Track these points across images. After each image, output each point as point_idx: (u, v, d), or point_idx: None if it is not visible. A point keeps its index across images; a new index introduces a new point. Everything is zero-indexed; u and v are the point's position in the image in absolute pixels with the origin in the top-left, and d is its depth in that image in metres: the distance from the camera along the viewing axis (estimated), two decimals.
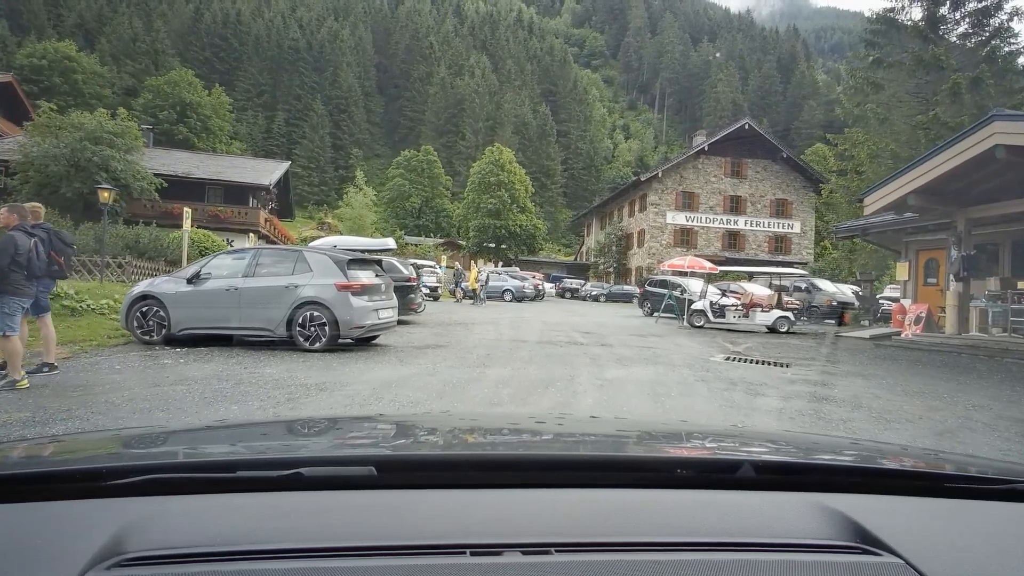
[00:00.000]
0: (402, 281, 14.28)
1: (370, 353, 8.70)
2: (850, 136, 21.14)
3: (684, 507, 0.94)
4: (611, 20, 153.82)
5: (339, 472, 0.98)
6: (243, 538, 0.78)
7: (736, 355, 10.95)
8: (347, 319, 8.32)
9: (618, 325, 17.41)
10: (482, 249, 58.19)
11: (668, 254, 42.24)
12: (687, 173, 43.66)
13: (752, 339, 14.85)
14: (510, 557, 0.74)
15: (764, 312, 17.30)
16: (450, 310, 20.94)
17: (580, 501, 0.94)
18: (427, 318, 16.18)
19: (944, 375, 9.21)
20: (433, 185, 79.59)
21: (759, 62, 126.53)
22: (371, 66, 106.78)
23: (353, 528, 0.82)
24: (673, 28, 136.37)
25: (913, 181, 11.60)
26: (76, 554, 0.72)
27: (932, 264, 15.78)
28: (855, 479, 1.10)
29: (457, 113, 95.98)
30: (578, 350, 10.28)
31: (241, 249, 9.70)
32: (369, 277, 8.97)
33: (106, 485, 0.90)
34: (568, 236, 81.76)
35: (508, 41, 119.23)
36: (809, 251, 45.43)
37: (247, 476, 0.95)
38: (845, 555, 0.80)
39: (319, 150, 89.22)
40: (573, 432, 1.60)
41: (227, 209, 28.93)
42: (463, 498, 0.92)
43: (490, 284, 27.85)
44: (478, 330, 13.45)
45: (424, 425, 1.73)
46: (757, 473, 1.03)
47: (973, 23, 19.38)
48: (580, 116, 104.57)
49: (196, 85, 66.66)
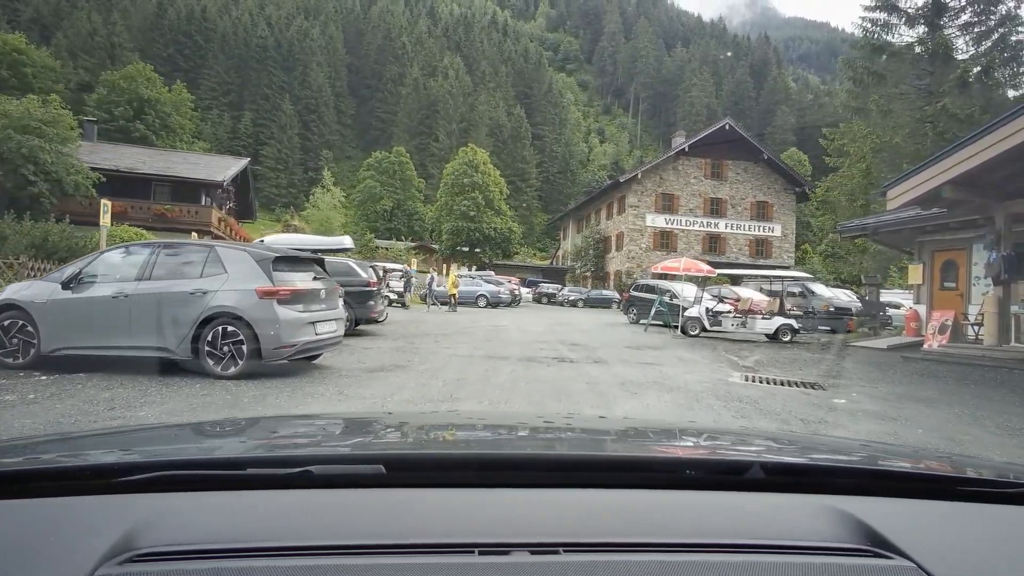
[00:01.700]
0: (360, 286, 12.31)
1: (303, 380, 6.69)
2: (849, 130, 19.76)
3: (693, 508, 0.93)
4: (585, 24, 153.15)
5: (348, 471, 0.98)
6: (253, 535, 0.78)
7: (753, 373, 9.22)
8: (271, 335, 6.31)
9: (606, 335, 15.63)
10: (456, 252, 56.14)
11: (648, 258, 40.85)
12: (667, 174, 42.32)
13: (756, 350, 13.19)
14: (518, 557, 0.74)
15: (764, 319, 15.69)
16: (419, 318, 18.95)
17: (588, 501, 0.93)
18: (390, 328, 14.20)
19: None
20: (405, 187, 77.40)
21: (732, 68, 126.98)
22: (342, 66, 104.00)
23: (362, 526, 0.82)
24: (647, 33, 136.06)
25: (950, 170, 10.04)
26: (88, 550, 0.73)
27: (950, 266, 14.33)
28: (866, 481, 1.08)
29: (430, 115, 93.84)
30: (570, 370, 8.43)
31: (136, 244, 7.61)
32: (305, 280, 6.96)
33: (118, 481, 0.90)
34: (544, 240, 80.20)
35: (482, 43, 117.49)
36: (790, 255, 44.46)
37: (257, 474, 0.96)
38: (855, 558, 0.79)
39: (287, 151, 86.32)
40: (582, 432, 1.61)
41: (175, 207, 26.49)
42: (472, 497, 0.92)
43: (462, 288, 25.87)
44: (449, 343, 11.53)
45: (433, 424, 1.75)
46: (766, 474, 1.01)
47: (976, 11, 18.12)
48: (555, 119, 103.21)
49: (155, 81, 63.39)
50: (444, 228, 55.97)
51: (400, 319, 17.90)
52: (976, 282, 13.67)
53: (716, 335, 16.03)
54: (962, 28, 18.47)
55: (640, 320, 20.86)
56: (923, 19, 18.31)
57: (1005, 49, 17.09)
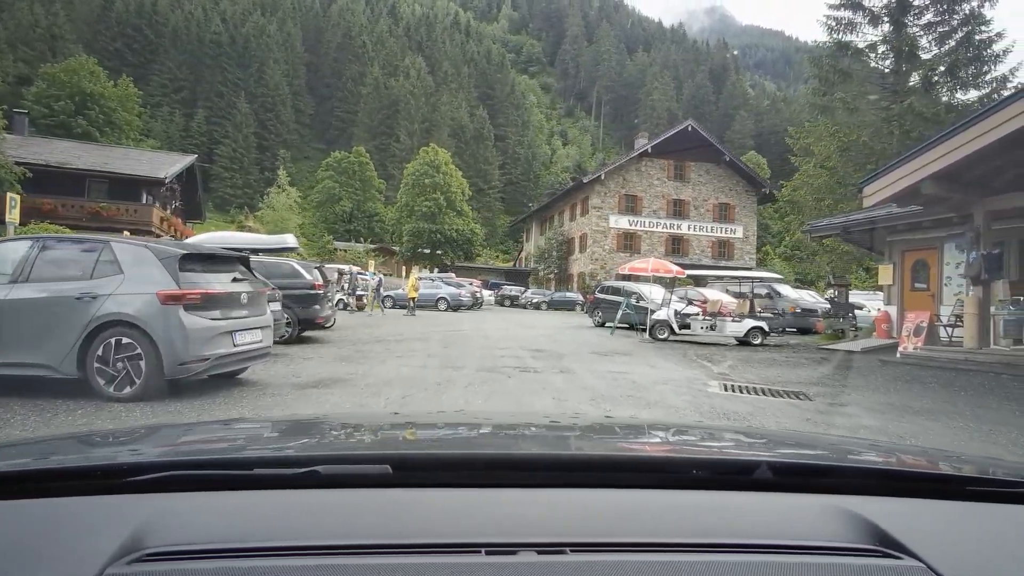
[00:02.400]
0: (304, 288, 11.22)
1: (214, 402, 5.60)
2: (815, 129, 19.47)
3: (700, 508, 0.93)
4: (548, 27, 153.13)
5: (355, 470, 0.97)
6: (260, 535, 0.79)
7: (730, 381, 8.52)
8: (175, 349, 5.23)
9: (572, 339, 14.83)
10: (417, 255, 54.88)
11: (611, 259, 40.44)
12: (630, 176, 41.98)
13: (728, 355, 12.57)
14: (525, 556, 0.74)
15: (734, 322, 15.13)
16: (375, 323, 17.85)
17: (595, 501, 0.93)
18: (340, 335, 13.12)
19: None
20: (365, 188, 75.73)
21: (692, 72, 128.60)
22: (300, 64, 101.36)
23: (369, 526, 0.83)
24: (609, 37, 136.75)
25: (931, 164, 9.54)
26: (97, 549, 0.73)
27: (921, 266, 13.99)
28: (874, 481, 1.08)
29: (391, 114, 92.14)
30: (534, 382, 7.55)
31: (11, 239, 6.41)
32: (223, 282, 5.88)
33: (126, 481, 0.90)
34: (507, 242, 79.44)
35: (445, 43, 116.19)
36: (752, 256, 44.63)
37: (264, 474, 0.96)
38: (864, 558, 0.78)
39: (243, 150, 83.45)
40: (588, 432, 1.61)
41: (111, 206, 24.70)
42: (478, 497, 0.92)
43: (422, 291, 24.78)
44: (402, 351, 10.54)
45: (440, 424, 1.75)
46: (774, 474, 1.00)
47: (939, 11, 17.99)
48: (518, 121, 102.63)
49: (99, 74, 60.35)
50: (405, 229, 54.69)
51: (354, 324, 16.79)
52: (948, 282, 13.35)
53: (684, 338, 15.41)
54: (925, 28, 18.35)
55: (606, 323, 20.20)
56: (888, 17, 18.08)
57: (969, 48, 16.96)
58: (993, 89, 17.17)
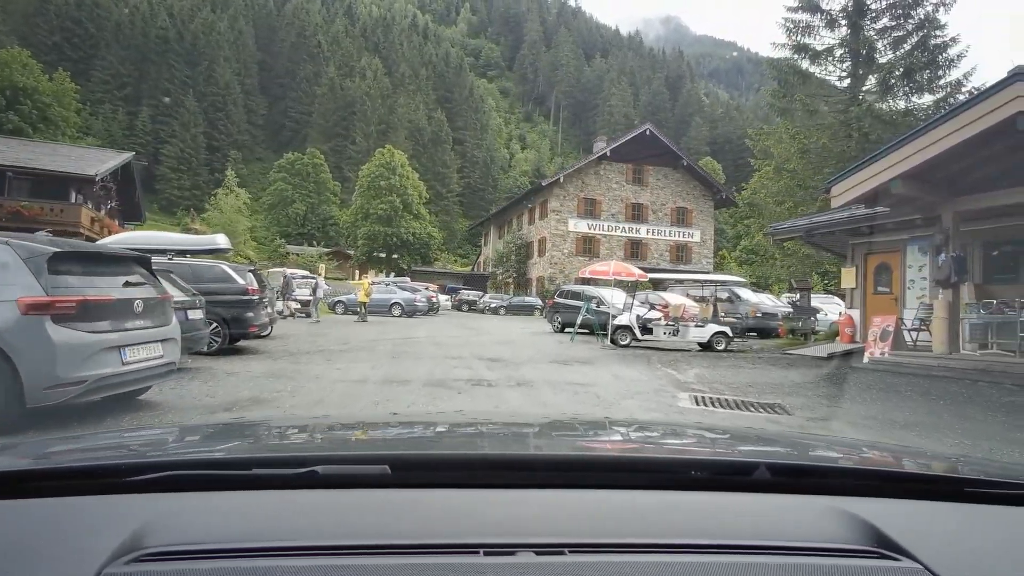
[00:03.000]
0: (235, 294, 10.16)
1: (100, 431, 4.65)
2: (774, 132, 19.29)
3: (698, 509, 0.93)
4: (507, 32, 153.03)
5: (354, 471, 0.97)
6: (259, 535, 0.79)
7: (701, 394, 7.90)
8: (41, 369, 4.21)
9: (530, 346, 14.10)
10: (372, 259, 53.45)
11: (570, 263, 40.05)
12: (589, 179, 41.69)
13: (694, 362, 12.04)
14: (523, 557, 0.75)
15: (698, 327, 14.65)
16: (320, 330, 16.75)
17: (593, 502, 0.93)
18: (278, 345, 12.06)
19: (1012, 419, 6.57)
20: (319, 191, 73.88)
21: (649, 79, 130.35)
22: (252, 63, 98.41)
23: (367, 526, 0.83)
24: (567, 42, 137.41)
25: (900, 163, 9.16)
26: (96, 549, 0.74)
27: (884, 269, 13.75)
28: (873, 482, 1.08)
29: (347, 116, 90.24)
30: (487, 398, 6.75)
31: None
32: (111, 287, 4.89)
33: (125, 482, 0.91)
34: (465, 246, 78.44)
35: (402, 45, 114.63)
36: (709, 260, 44.85)
37: (263, 474, 0.96)
38: (862, 559, 0.79)
39: (191, 151, 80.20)
40: (587, 433, 1.60)
41: (35, 205, 22.84)
42: (477, 498, 0.92)
43: (374, 296, 23.68)
44: (343, 363, 9.59)
45: (438, 425, 1.74)
46: (773, 475, 1.01)
47: (894, 16, 18.01)
48: (476, 124, 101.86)
49: (33, 67, 56.99)
50: (360, 233, 53.20)
51: (298, 332, 15.68)
52: (911, 285, 13.12)
53: (646, 344, 14.86)
54: (880, 32, 18.35)
55: (565, 328, 19.55)
56: (845, 20, 18.01)
57: (924, 52, 16.99)
58: (948, 93, 17.24)
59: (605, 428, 1.74)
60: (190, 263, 10.11)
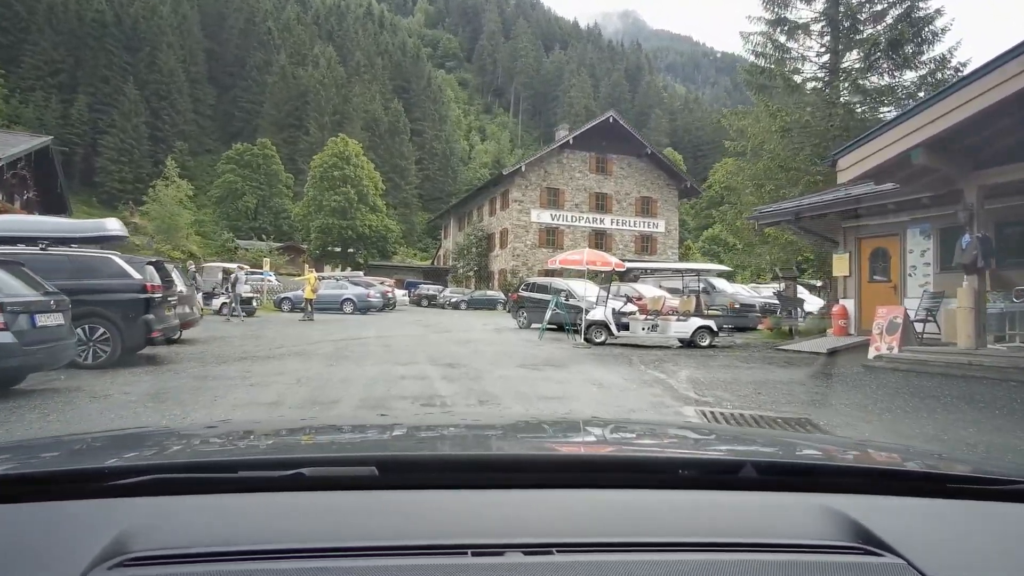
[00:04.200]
0: (130, 292, 8.21)
1: None
2: (752, 111, 18.05)
3: (686, 507, 0.94)
4: (465, 22, 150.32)
5: (341, 472, 0.97)
6: (245, 538, 0.78)
7: (705, 404, 6.40)
8: None
9: (494, 346, 12.46)
10: (327, 253, 50.91)
11: (533, 255, 38.60)
12: (551, 168, 40.20)
13: (680, 361, 10.60)
14: (512, 557, 0.74)
15: (679, 321, 13.24)
16: (253, 331, 14.74)
17: (582, 501, 0.93)
18: (194, 350, 10.11)
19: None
20: (271, 183, 70.53)
21: (608, 71, 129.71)
22: (199, 50, 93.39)
23: (355, 528, 0.82)
24: (527, 34, 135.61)
25: (927, 127, 7.81)
26: (79, 554, 0.73)
27: (880, 256, 12.56)
28: (857, 480, 1.08)
29: (300, 106, 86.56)
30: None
31: None
32: None
33: (109, 485, 0.89)
34: (425, 240, 76.19)
35: (357, 33, 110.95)
36: (674, 251, 44.00)
37: (249, 476, 0.95)
38: (847, 556, 0.79)
39: (133, 141, 75.43)
40: (575, 432, 1.60)
41: None
42: (465, 498, 0.92)
43: (323, 292, 21.67)
44: (260, 376, 7.76)
45: (426, 425, 1.71)
46: (759, 474, 1.01)
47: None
48: (435, 115, 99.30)
49: None
50: (313, 226, 50.58)
51: (229, 334, 13.67)
52: (912, 272, 11.95)
53: (623, 342, 13.40)
54: (860, 5, 17.24)
55: (532, 324, 17.98)
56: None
57: (909, 24, 15.91)
58: (932, 69, 16.23)
59: (593, 427, 1.70)
60: (70, 254, 8.11)
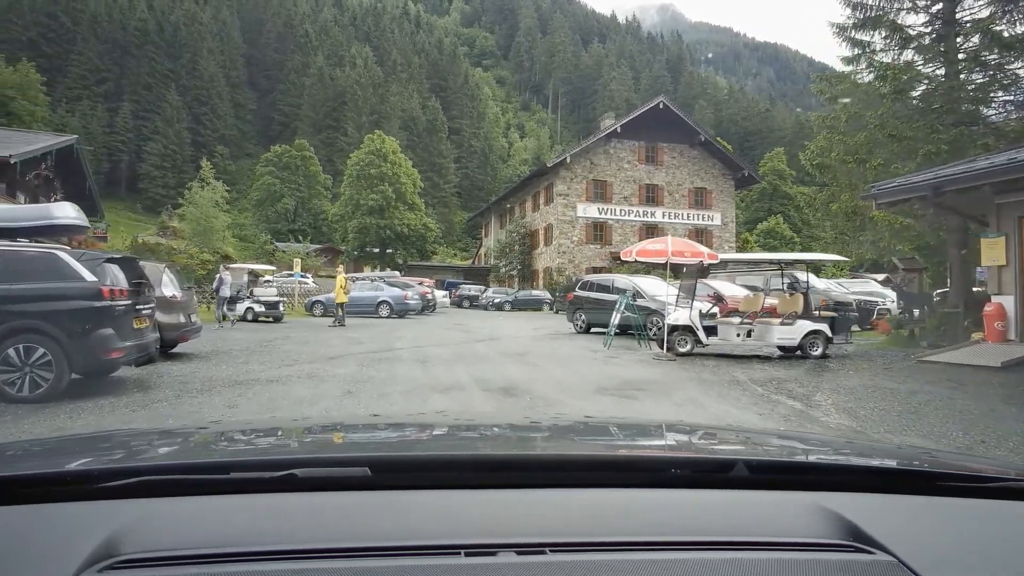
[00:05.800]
0: (78, 299, 6.14)
1: None
2: (851, 73, 15.16)
3: (678, 506, 0.94)
4: (501, 20, 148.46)
5: (333, 473, 0.97)
6: (237, 540, 0.78)
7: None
8: None
9: (554, 360, 10.12)
10: (365, 254, 49.41)
11: (580, 252, 36.14)
12: (598, 159, 37.57)
13: (803, 380, 8.05)
14: (504, 557, 0.75)
15: (785, 324, 10.64)
16: (266, 340, 12.70)
17: (574, 501, 0.93)
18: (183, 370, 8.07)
19: None
20: (309, 184, 69.65)
21: (649, 63, 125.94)
22: (238, 56, 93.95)
23: (347, 529, 0.82)
24: (564, 28, 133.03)
25: None
26: (69, 556, 0.72)
27: None
28: (849, 478, 1.09)
29: (338, 107, 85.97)
30: None
31: None
32: None
33: (99, 487, 0.89)
34: (464, 239, 74.30)
35: (393, 33, 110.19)
36: (731, 245, 40.69)
37: (241, 477, 0.95)
38: (838, 553, 0.80)
39: (175, 147, 75.95)
40: (567, 432, 1.62)
41: None
42: (457, 498, 0.92)
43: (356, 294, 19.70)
44: (254, 410, 5.62)
45: (419, 425, 1.73)
46: (751, 472, 1.02)
47: None
48: (473, 112, 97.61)
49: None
50: (350, 226, 49.13)
51: (231, 347, 11.64)
52: None
53: (712, 351, 10.90)
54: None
55: (590, 329, 15.57)
56: None
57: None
58: None
59: (586, 427, 1.71)
60: (2, 249, 6.09)
